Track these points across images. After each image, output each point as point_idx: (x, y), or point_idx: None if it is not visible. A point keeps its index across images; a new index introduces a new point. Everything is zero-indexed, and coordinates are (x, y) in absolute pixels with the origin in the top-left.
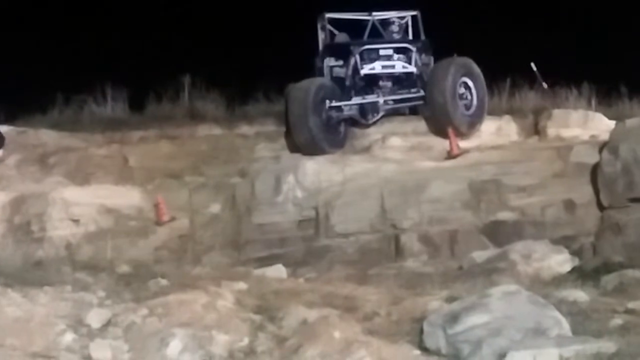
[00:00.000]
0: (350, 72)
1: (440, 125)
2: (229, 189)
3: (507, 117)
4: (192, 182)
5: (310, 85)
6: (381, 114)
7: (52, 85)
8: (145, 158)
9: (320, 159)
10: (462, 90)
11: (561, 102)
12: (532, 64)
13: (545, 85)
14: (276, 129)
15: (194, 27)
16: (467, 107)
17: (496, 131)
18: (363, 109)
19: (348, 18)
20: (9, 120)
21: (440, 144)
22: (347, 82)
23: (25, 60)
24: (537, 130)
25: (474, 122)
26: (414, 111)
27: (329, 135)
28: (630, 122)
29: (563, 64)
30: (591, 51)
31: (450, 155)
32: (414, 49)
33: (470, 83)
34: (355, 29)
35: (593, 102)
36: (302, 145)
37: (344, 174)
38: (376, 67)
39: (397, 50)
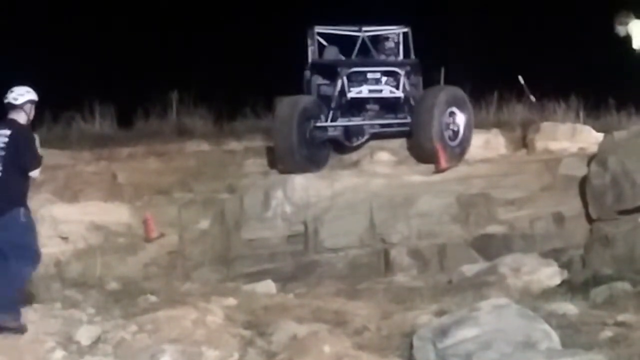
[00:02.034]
0: (336, 93)
1: (423, 153)
2: (218, 205)
3: (495, 131)
4: (181, 198)
5: (296, 103)
6: (366, 137)
7: (39, 102)
8: (133, 174)
9: (308, 175)
10: (449, 120)
11: (549, 115)
12: (520, 77)
13: (533, 98)
14: (264, 144)
15: (182, 44)
16: (452, 138)
17: (484, 144)
18: (348, 131)
19: (337, 33)
20: None
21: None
22: (333, 104)
23: (11, 77)
24: (525, 143)
25: (458, 153)
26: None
27: (310, 155)
28: (618, 135)
29: (551, 76)
30: (579, 64)
31: (438, 169)
32: (402, 72)
33: (458, 113)
34: (345, 41)
35: (581, 115)
36: (282, 160)
37: (333, 188)
38: (363, 91)
39: (385, 74)
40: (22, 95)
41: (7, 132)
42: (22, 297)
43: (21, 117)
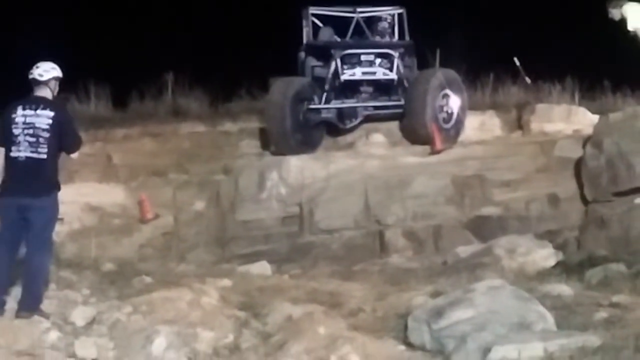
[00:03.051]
0: (330, 75)
1: (416, 137)
2: (213, 186)
3: (490, 112)
4: (176, 180)
5: (288, 87)
6: (359, 119)
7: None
8: (128, 156)
9: (303, 156)
10: (442, 102)
11: (544, 96)
12: (515, 59)
13: (528, 80)
14: (260, 125)
15: (177, 25)
16: (446, 121)
17: (479, 126)
18: (341, 113)
19: (332, 14)
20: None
21: None
22: (327, 86)
23: (5, 59)
24: (520, 125)
25: (452, 136)
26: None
27: (304, 138)
28: (613, 116)
29: (546, 58)
30: (574, 45)
31: (433, 151)
32: (396, 54)
33: (452, 96)
34: (340, 22)
35: (576, 97)
36: (275, 142)
37: (328, 170)
38: (357, 74)
39: (379, 55)
40: (47, 71)
41: (50, 113)
42: (46, 287)
43: (47, 93)
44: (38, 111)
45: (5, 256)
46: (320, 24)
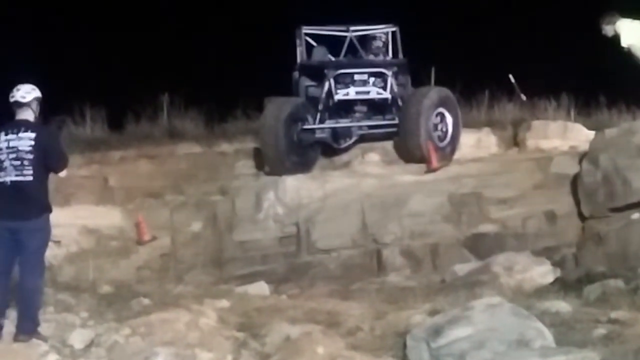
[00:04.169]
0: (324, 95)
1: (411, 157)
2: (210, 207)
3: (486, 130)
4: (173, 201)
5: (282, 108)
6: (354, 138)
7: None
8: (125, 178)
9: (300, 176)
10: (436, 120)
11: (540, 113)
12: (511, 76)
13: (523, 96)
14: (256, 146)
15: (172, 46)
16: (441, 139)
17: (476, 144)
18: (336, 133)
19: (325, 33)
20: None
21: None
22: (321, 106)
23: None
24: (516, 142)
25: (448, 154)
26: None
27: (299, 159)
28: (609, 132)
29: (541, 75)
30: (569, 62)
31: (429, 169)
32: (389, 73)
33: (446, 114)
34: (333, 41)
35: (572, 113)
36: (270, 165)
37: (324, 189)
38: (350, 93)
39: (373, 74)
40: (29, 92)
41: (32, 134)
42: (40, 309)
43: (29, 115)
44: (20, 134)
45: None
46: (314, 44)
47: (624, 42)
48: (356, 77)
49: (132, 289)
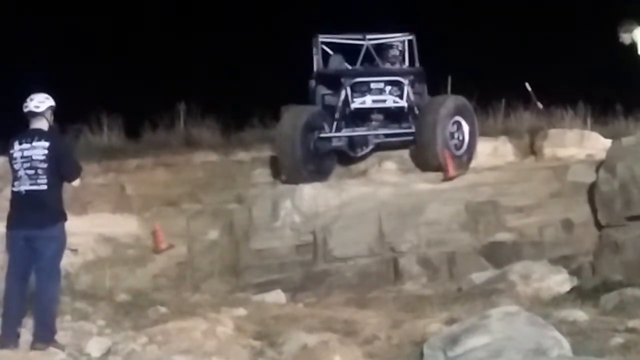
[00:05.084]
0: (340, 104)
1: (428, 166)
2: (227, 215)
3: (503, 138)
4: (189, 209)
5: (298, 117)
6: (370, 147)
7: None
8: (142, 186)
9: (317, 184)
10: (453, 129)
11: (557, 121)
12: (527, 84)
13: (540, 105)
14: (272, 154)
15: (188, 54)
16: (458, 147)
17: (492, 152)
18: (352, 141)
19: (342, 42)
20: (4, 151)
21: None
22: (337, 114)
23: (19, 90)
24: (533, 150)
25: (464, 162)
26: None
27: (316, 167)
28: (626, 141)
29: (558, 83)
30: (586, 70)
31: (446, 177)
32: (406, 81)
33: (462, 122)
34: (350, 49)
35: (589, 121)
36: (287, 173)
37: (341, 198)
38: (367, 102)
39: (389, 83)
40: (42, 102)
41: (46, 143)
42: (56, 317)
43: (43, 125)
44: (34, 143)
45: (16, 289)
46: (330, 52)
47: None
48: (373, 85)
49: (149, 297)
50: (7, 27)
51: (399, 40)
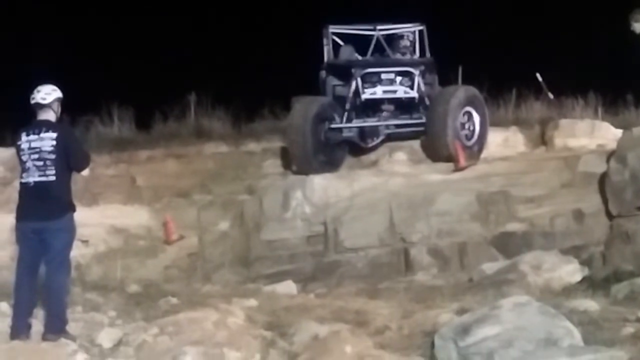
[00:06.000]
0: (351, 94)
1: (439, 157)
2: (237, 206)
3: (513, 128)
4: (200, 200)
5: (309, 108)
6: (381, 137)
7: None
8: (152, 177)
9: (327, 175)
10: (464, 119)
11: (567, 112)
12: (538, 75)
13: (551, 95)
14: (283, 145)
15: (199, 45)
16: (469, 138)
17: (503, 142)
18: (363, 132)
19: (352, 32)
20: (12, 142)
21: None
22: (348, 105)
23: (29, 82)
24: (544, 140)
25: (475, 152)
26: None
27: (327, 158)
28: (637, 131)
29: (569, 73)
30: (596, 60)
31: (457, 168)
32: (416, 72)
33: (473, 112)
34: (360, 40)
35: (599, 111)
36: (298, 164)
37: (352, 188)
38: (377, 92)
39: (400, 74)
40: (49, 94)
41: (53, 134)
42: (67, 308)
43: (51, 116)
44: (41, 134)
45: (26, 280)
46: (341, 43)
47: None
48: (383, 76)
49: (160, 288)
50: (19, 18)
51: (409, 30)
